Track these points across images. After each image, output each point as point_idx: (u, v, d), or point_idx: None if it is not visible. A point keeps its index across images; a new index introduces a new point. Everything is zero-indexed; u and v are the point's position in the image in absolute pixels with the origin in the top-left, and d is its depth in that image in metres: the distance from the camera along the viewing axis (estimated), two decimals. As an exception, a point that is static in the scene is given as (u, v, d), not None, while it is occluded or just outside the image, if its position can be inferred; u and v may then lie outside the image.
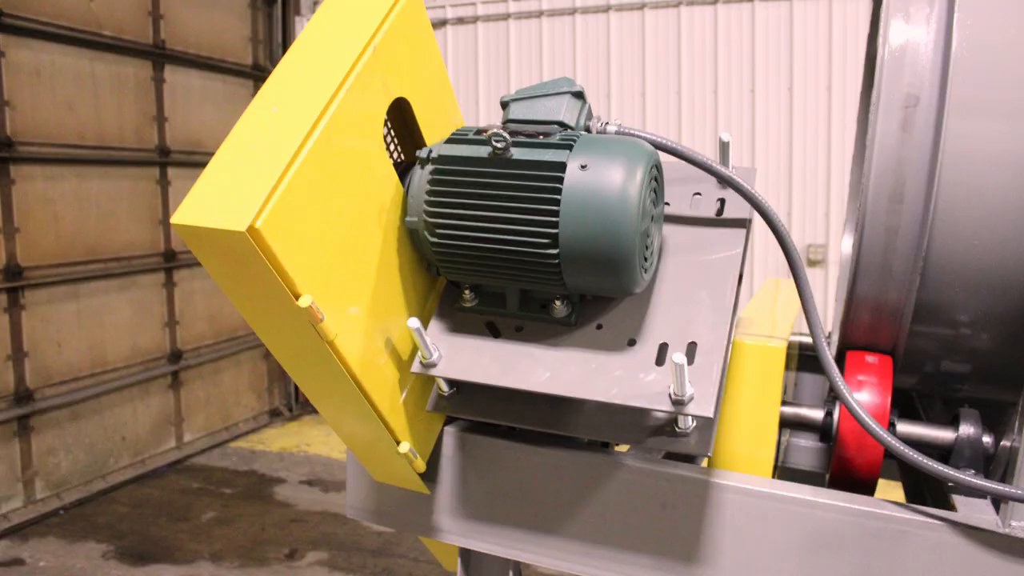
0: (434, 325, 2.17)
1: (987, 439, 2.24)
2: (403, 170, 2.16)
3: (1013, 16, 2.09)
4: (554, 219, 1.87)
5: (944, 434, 2.27)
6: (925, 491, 2.51)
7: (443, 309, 2.21)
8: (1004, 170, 2.03)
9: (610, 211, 1.83)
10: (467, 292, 2.16)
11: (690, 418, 1.95)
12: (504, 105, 2.17)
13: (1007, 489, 1.88)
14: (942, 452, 2.27)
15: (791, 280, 2.26)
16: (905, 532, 1.94)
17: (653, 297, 2.08)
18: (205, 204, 1.69)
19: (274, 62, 11.91)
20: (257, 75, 11.77)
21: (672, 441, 1.98)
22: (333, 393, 2.03)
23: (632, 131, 2.12)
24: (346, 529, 8.20)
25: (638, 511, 2.13)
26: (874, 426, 1.98)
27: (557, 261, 1.90)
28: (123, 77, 9.69)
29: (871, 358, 2.34)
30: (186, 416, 10.68)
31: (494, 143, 1.93)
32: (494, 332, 2.13)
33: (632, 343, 2.01)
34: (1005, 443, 2.16)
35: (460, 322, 2.17)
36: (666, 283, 2.10)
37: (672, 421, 1.98)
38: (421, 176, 2.08)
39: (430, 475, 2.32)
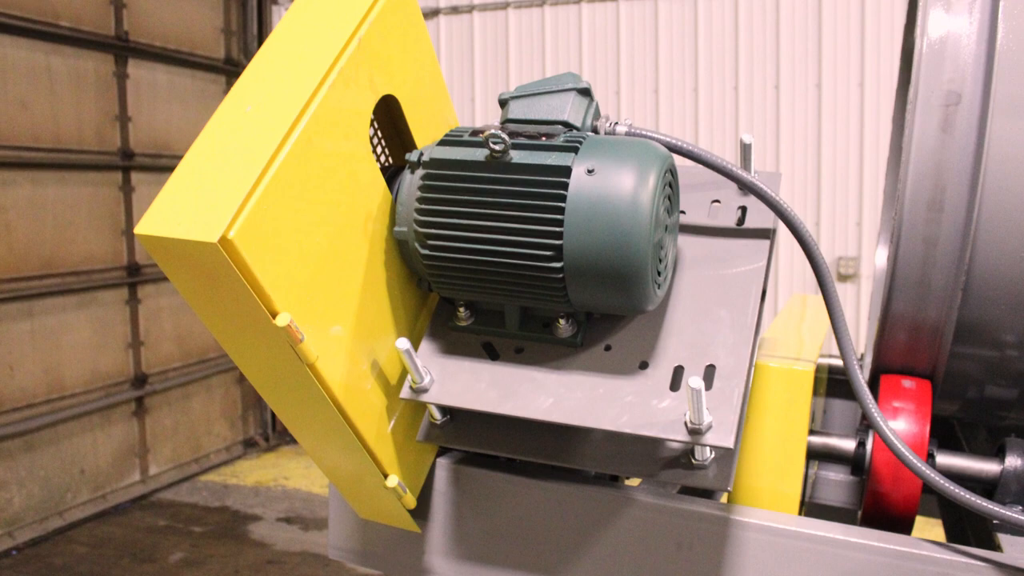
0: (425, 346, 2.17)
1: (1036, 472, 2.24)
2: (391, 175, 2.17)
3: (1063, 5, 2.09)
4: (558, 229, 1.87)
5: (988, 466, 2.27)
6: (967, 529, 2.50)
7: (435, 328, 2.20)
8: (1054, 175, 2.03)
9: (620, 220, 1.83)
10: (462, 310, 2.16)
11: (708, 449, 1.95)
12: (502, 103, 2.17)
13: (1059, 527, 1.88)
14: (986, 486, 2.27)
15: (819, 296, 2.26)
16: (946, 575, 1.93)
17: (667, 315, 2.08)
18: (173, 212, 1.69)
19: (249, 56, 11.94)
20: (230, 70, 11.80)
21: (688, 474, 1.98)
22: (314, 421, 2.03)
23: (644, 132, 2.12)
24: (328, 572, 8.19)
25: (651, 552, 2.13)
26: (911, 457, 1.97)
27: (561, 276, 1.90)
28: (82, 72, 9.72)
29: (908, 383, 2.34)
30: (152, 447, 10.68)
31: (491, 145, 1.94)
32: (491, 354, 2.13)
33: (644, 366, 2.01)
34: (1056, 476, 2.17)
35: (454, 343, 2.17)
36: (682, 300, 2.10)
37: (688, 452, 1.98)
38: (411, 182, 2.08)
39: (421, 512, 2.32)
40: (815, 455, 2.45)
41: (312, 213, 1.85)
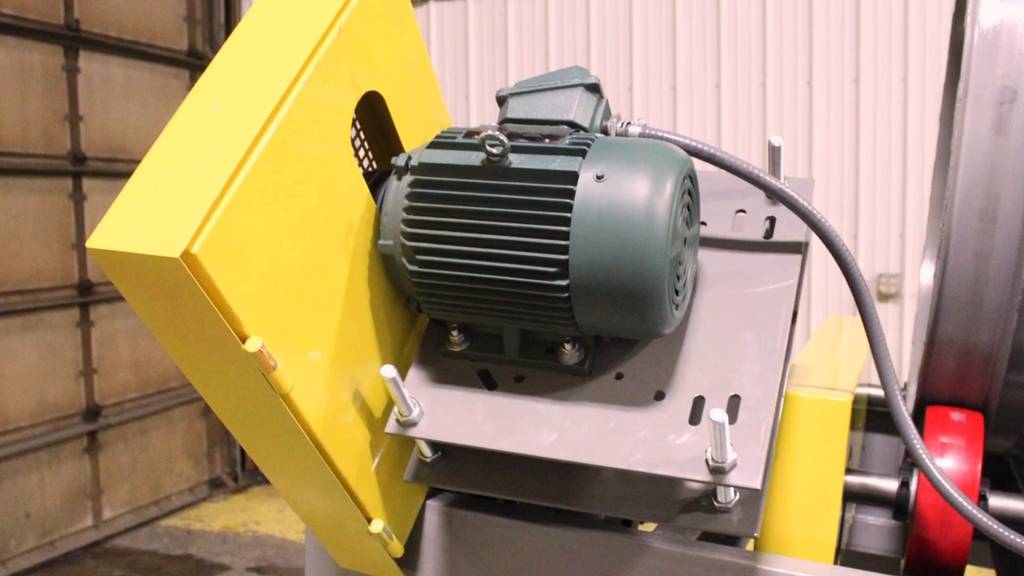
0: (414, 374, 2.17)
1: (1102, 516, 2.24)
2: (375, 182, 2.17)
3: None
4: (563, 243, 1.88)
5: (1049, 510, 2.27)
6: (1025, 580, 2.50)
7: (425, 354, 2.21)
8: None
9: (633, 232, 1.83)
10: (455, 333, 2.16)
11: (732, 490, 1.95)
12: (501, 101, 2.18)
13: None
14: (1046, 532, 2.27)
15: (857, 318, 2.27)
16: (1002, 632, 1.93)
17: (686, 340, 2.08)
18: (129, 224, 1.69)
19: (215, 47, 11.96)
20: (194, 63, 11.81)
21: (710, 518, 1.98)
22: (288, 458, 2.03)
23: (660, 133, 2.12)
24: (304, 629, 8.15)
25: (668, 606, 2.12)
26: (961, 499, 1.97)
27: (567, 295, 1.90)
28: (27, 66, 9.72)
29: (957, 415, 2.34)
30: (106, 487, 10.66)
31: (488, 148, 1.94)
32: (488, 383, 2.13)
33: (660, 397, 2.01)
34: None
35: (446, 371, 2.17)
36: (702, 322, 2.10)
37: (710, 494, 1.98)
38: (398, 189, 2.08)
39: (409, 560, 2.31)
40: (853, 497, 2.45)
41: (286, 225, 1.86)
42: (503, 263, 1.93)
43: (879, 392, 3.27)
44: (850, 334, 3.36)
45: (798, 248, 2.15)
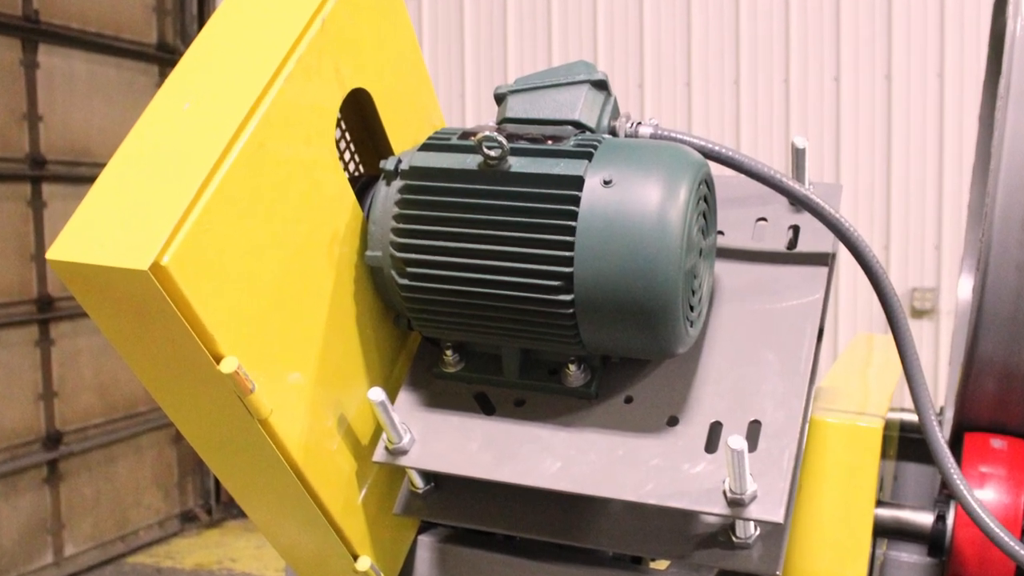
0: (404, 398, 2.18)
1: None
2: (362, 187, 2.17)
3: None
4: (567, 254, 1.88)
5: (1099, 546, 2.27)
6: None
7: (416, 376, 2.21)
8: None
9: (644, 243, 1.83)
10: (449, 353, 2.16)
11: (752, 524, 1.95)
12: (499, 99, 2.18)
13: None
14: (1096, 569, 2.27)
15: (889, 336, 2.26)
16: None
17: (702, 360, 2.09)
18: (93, 233, 1.70)
19: (187, 40, 11.96)
20: (164, 58, 11.81)
21: (728, 555, 1.98)
22: (267, 490, 2.03)
23: (673, 134, 2.13)
24: (284, 676, 8.14)
25: (683, 652, 2.12)
26: (1002, 535, 1.97)
27: (571, 311, 1.90)
28: (-17, 61, 9.74)
29: (998, 443, 2.34)
30: (68, 521, 10.64)
31: (486, 150, 1.94)
32: (486, 407, 2.13)
33: (673, 423, 2.01)
34: None
35: (439, 394, 2.17)
36: (719, 341, 2.10)
37: (728, 528, 1.98)
38: (387, 195, 2.08)
39: (399, 602, 2.31)
40: (884, 531, 2.45)
41: (265, 234, 1.86)
42: (502, 276, 1.93)
43: (913, 417, 3.26)
44: (881, 354, 3.36)
45: (824, 260, 2.15)
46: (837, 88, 10.19)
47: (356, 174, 2.30)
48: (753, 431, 1.96)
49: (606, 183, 1.87)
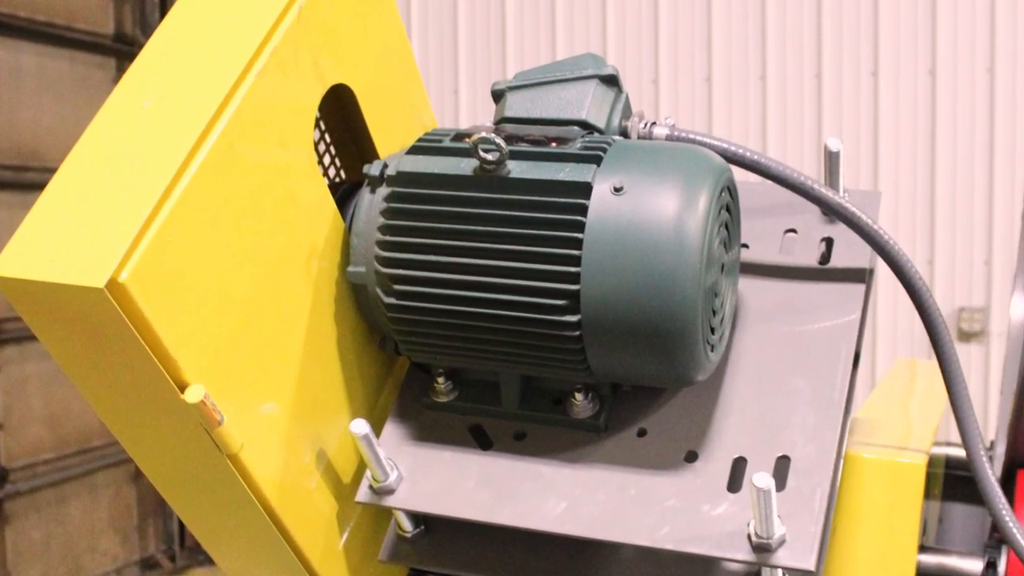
0: (391, 430, 2.17)
1: None
2: (344, 195, 2.17)
3: None
4: (573, 269, 1.87)
5: None
6: None
7: (405, 406, 2.21)
8: None
9: (659, 257, 1.83)
10: (441, 380, 2.16)
11: (780, 572, 1.94)
12: (498, 96, 2.18)
13: None
14: None
15: (933, 362, 2.26)
16: None
17: (724, 388, 2.08)
18: (43, 247, 1.69)
19: (148, 31, 11.97)
20: (122, 50, 11.82)
21: (754, 607, 1.98)
22: (238, 533, 2.02)
23: (692, 135, 2.13)
24: None
25: None
26: (1062, 584, 1.97)
27: (578, 333, 1.90)
28: (-81, 54, 9.76)
29: (1056, 481, 2.34)
30: (14, 568, 10.63)
31: (482, 153, 1.94)
32: (482, 441, 2.13)
33: (692, 458, 2.01)
34: None
35: (430, 426, 2.17)
36: (743, 367, 2.10)
37: (754, 575, 1.98)
38: (371, 204, 2.08)
39: (384, 660, 2.31)
40: (929, 580, 2.45)
41: (235, 248, 1.86)
42: (500, 295, 1.93)
43: (960, 452, 3.27)
44: (924, 381, 3.36)
45: (861, 276, 2.15)
46: (875, 84, 10.18)
47: (337, 180, 2.30)
48: (781, 468, 1.95)
49: (616, 190, 1.87)
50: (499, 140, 1.92)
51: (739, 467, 1.97)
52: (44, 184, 1.78)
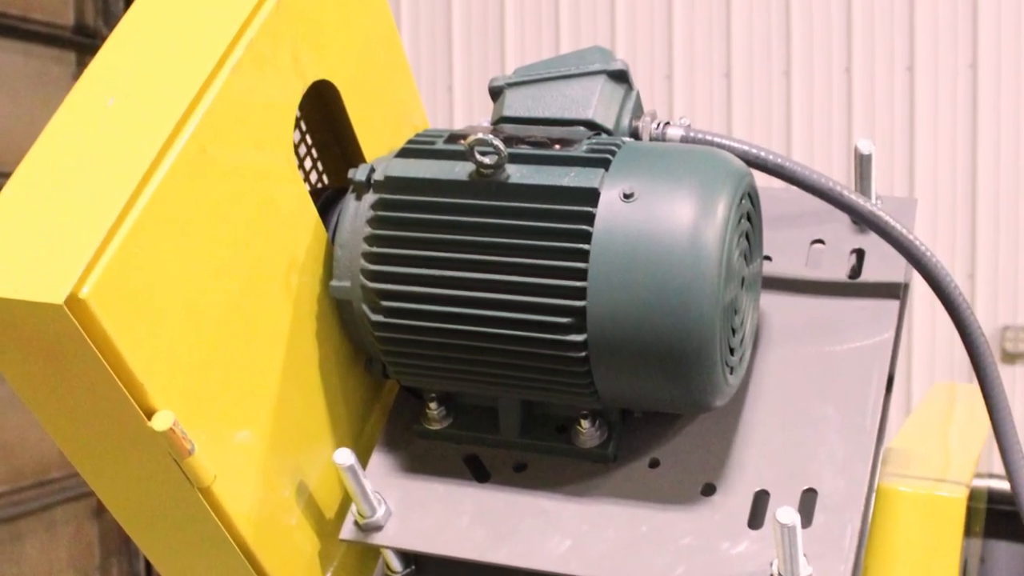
0: (378, 461, 2.17)
1: None
2: (327, 202, 2.17)
3: None
4: (579, 284, 1.87)
5: None
6: None
7: (393, 434, 2.21)
8: None
9: (673, 271, 1.83)
10: (433, 406, 2.16)
11: (807, 616, 1.95)
12: (496, 94, 2.19)
13: None
14: None
15: (974, 386, 2.27)
16: None
17: (744, 415, 2.09)
18: (-4, 260, 1.70)
19: (111, 23, 11.97)
20: (83, 44, 11.82)
21: (778, 654, 1.98)
22: (210, 574, 2.02)
23: (710, 136, 2.13)
24: None
25: None
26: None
27: (584, 354, 1.90)
28: None
29: (1109, 516, 2.34)
30: (-38, 613, 10.65)
31: (478, 157, 1.94)
32: (479, 473, 2.13)
33: (710, 491, 2.01)
34: None
35: (421, 456, 2.17)
36: (766, 392, 2.11)
37: (778, 621, 1.98)
38: (357, 212, 2.08)
39: None
40: (970, 626, 2.45)
41: (207, 260, 1.86)
42: (498, 312, 1.93)
43: (1004, 485, 3.27)
44: (965, 407, 3.36)
45: (895, 291, 2.15)
46: (911, 81, 10.17)
47: (319, 186, 2.31)
48: (807, 502, 1.95)
49: (626, 197, 1.87)
50: (497, 142, 1.92)
51: (761, 501, 1.97)
52: (-3, 190, 1.78)
